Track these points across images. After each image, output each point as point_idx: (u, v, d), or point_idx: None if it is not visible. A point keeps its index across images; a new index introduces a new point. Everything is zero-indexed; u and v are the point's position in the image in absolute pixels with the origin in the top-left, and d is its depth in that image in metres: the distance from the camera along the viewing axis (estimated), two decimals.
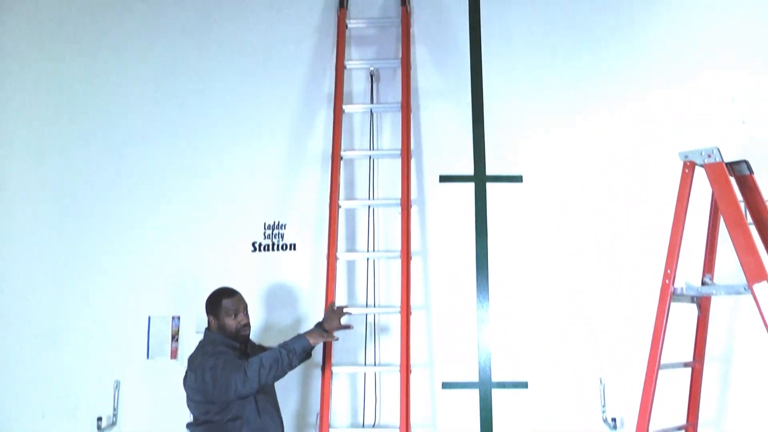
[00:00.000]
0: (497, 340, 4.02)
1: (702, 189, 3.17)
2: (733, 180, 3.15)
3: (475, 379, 3.98)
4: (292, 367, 3.27)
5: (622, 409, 3.84)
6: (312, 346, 3.37)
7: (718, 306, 3.61)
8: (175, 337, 4.08)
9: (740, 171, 3.25)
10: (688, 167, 3.17)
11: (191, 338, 3.94)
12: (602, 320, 3.97)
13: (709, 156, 3.08)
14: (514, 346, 4.00)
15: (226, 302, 3.36)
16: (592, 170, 4.15)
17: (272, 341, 3.57)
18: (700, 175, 3.14)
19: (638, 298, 3.83)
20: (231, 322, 3.34)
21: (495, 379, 3.98)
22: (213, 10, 4.47)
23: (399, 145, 4.03)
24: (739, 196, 3.10)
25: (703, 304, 3.43)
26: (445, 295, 4.08)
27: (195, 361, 3.26)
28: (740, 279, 2.93)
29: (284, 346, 3.28)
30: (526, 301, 4.04)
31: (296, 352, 3.27)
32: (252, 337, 3.52)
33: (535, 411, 3.93)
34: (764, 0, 4.32)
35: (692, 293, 3.23)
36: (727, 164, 3.10)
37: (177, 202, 4.24)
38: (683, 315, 3.39)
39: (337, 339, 3.53)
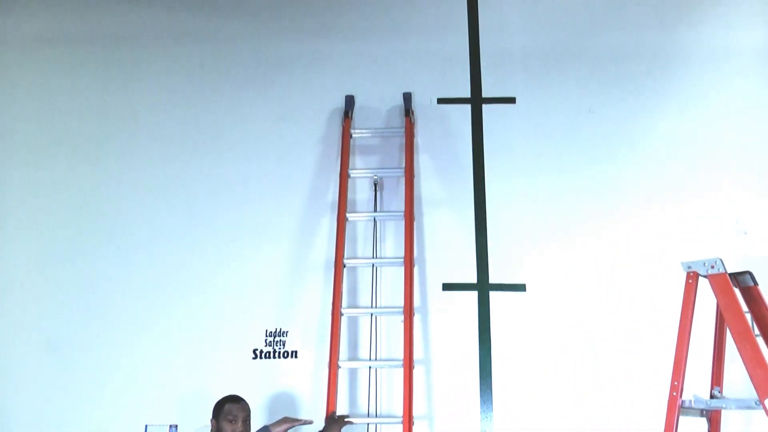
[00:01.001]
0: None
1: (707, 299, 3.16)
2: (737, 291, 3.14)
3: None
4: None
5: None
6: None
7: (729, 419, 3.53)
8: None
9: (744, 282, 3.23)
10: (692, 278, 3.16)
11: None
12: None
13: (713, 267, 3.08)
14: None
15: (229, 406, 3.37)
16: (595, 280, 4.15)
17: None
18: (704, 286, 3.13)
19: (648, 411, 3.72)
20: (228, 428, 3.32)
21: None
22: (218, 119, 4.57)
23: (402, 253, 4.05)
24: (744, 307, 3.08)
25: (713, 417, 3.35)
26: (448, 405, 3.99)
27: None
28: (751, 392, 2.87)
29: None
30: (531, 413, 3.95)
31: None
32: None
33: None
34: (762, 115, 4.44)
35: (701, 406, 3.16)
36: (730, 275, 3.09)
37: (178, 309, 4.21)
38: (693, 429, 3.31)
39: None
